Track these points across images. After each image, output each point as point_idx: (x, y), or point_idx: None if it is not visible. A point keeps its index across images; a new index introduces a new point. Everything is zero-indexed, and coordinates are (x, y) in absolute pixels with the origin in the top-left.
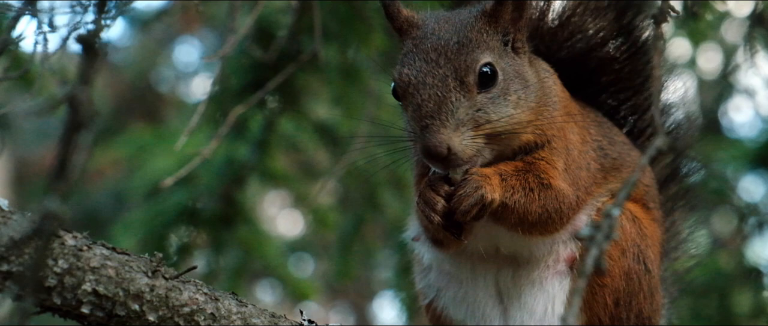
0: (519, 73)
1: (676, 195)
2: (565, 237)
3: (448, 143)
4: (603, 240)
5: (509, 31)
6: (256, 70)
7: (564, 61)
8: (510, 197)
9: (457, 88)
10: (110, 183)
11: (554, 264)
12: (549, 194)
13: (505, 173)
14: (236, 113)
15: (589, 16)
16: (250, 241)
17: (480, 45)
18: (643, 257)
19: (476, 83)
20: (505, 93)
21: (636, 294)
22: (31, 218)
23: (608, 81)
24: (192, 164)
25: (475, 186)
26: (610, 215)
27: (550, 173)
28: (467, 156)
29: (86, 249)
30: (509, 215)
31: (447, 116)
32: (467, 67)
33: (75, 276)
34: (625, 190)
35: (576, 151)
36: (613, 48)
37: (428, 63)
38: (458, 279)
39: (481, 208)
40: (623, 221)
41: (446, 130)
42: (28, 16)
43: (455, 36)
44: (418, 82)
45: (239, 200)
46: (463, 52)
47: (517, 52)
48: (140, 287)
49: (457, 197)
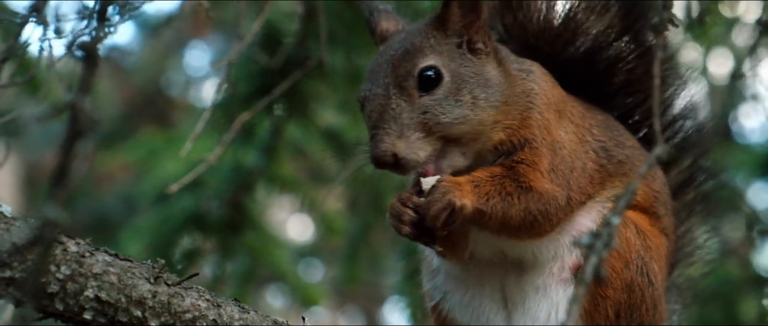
0: (477, 73)
1: (693, 201)
2: (569, 243)
3: (392, 150)
4: (603, 248)
5: (463, 34)
6: (263, 77)
7: (571, 62)
8: (485, 203)
9: (397, 94)
10: (120, 187)
11: (559, 271)
12: (530, 197)
13: (479, 180)
14: (242, 119)
15: (593, 15)
16: (258, 247)
17: (424, 50)
18: (647, 269)
19: (416, 87)
20: (457, 94)
21: (638, 306)
22: (32, 225)
23: (620, 83)
24: (197, 170)
25: (442, 192)
26: (610, 223)
27: (530, 176)
28: (419, 159)
29: (89, 255)
30: (489, 221)
31: (389, 123)
32: (407, 73)
33: (77, 282)
34: (624, 198)
35: (566, 150)
36: (621, 48)
37: (377, 75)
38: (465, 284)
39: (450, 213)
40: (628, 233)
41: (390, 137)
42: (33, 23)
43: (402, 45)
44: (368, 94)
45: (247, 206)
46: (405, 59)
47: (476, 54)
48: (142, 293)
49: (425, 203)
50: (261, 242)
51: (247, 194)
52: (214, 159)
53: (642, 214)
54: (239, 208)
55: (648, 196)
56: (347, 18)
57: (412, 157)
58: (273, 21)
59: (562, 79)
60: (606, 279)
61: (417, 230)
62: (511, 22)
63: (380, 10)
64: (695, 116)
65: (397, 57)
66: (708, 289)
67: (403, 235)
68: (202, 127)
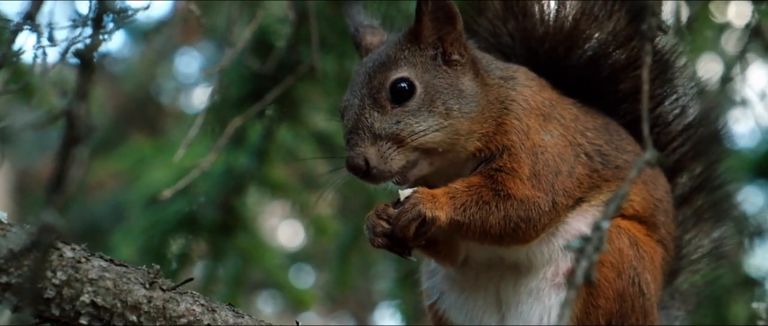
0: (451, 84)
1: (702, 208)
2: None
3: (365, 155)
4: (593, 252)
5: (438, 46)
6: (254, 81)
7: (576, 67)
8: (461, 214)
9: (371, 105)
10: (110, 195)
11: (553, 276)
12: (510, 205)
13: (455, 191)
14: (235, 124)
15: (597, 21)
16: (250, 250)
17: (398, 62)
18: (639, 280)
19: (389, 98)
20: (430, 105)
21: (628, 316)
22: (29, 231)
23: (627, 89)
24: (191, 176)
25: (413, 203)
26: (600, 227)
27: (508, 183)
28: (391, 170)
29: (84, 260)
30: (468, 231)
31: (363, 131)
32: (380, 84)
33: (73, 287)
34: (614, 203)
35: (549, 154)
36: (627, 55)
37: (355, 86)
38: (461, 285)
39: (420, 224)
40: (622, 243)
41: (363, 143)
42: (27, 30)
43: (379, 57)
44: (346, 105)
45: (239, 209)
46: (379, 71)
47: (451, 65)
48: (138, 298)
49: (397, 214)
50: (252, 245)
51: (238, 197)
52: (207, 166)
53: (639, 224)
54: (230, 211)
55: (648, 204)
56: (338, 23)
57: (383, 167)
58: (264, 26)
59: (567, 85)
60: (596, 283)
61: (390, 241)
62: (514, 28)
63: (365, 26)
64: (708, 124)
65: (372, 69)
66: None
67: (377, 247)
68: (191, 130)
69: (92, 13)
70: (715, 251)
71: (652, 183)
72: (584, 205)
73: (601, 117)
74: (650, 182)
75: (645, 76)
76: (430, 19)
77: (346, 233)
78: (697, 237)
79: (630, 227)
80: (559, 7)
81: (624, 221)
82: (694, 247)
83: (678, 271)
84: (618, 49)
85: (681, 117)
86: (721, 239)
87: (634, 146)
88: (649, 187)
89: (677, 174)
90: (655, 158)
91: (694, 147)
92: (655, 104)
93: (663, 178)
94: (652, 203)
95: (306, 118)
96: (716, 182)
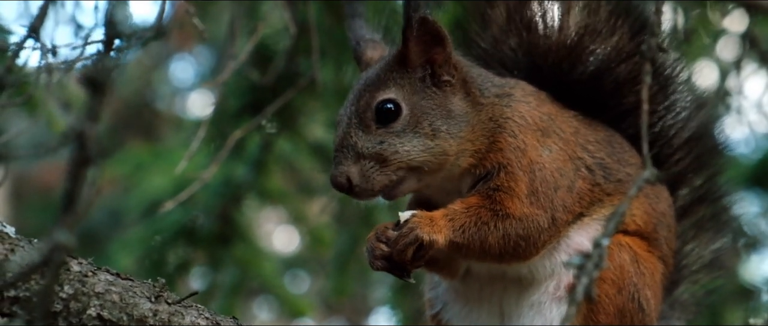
0: (440, 105)
1: (702, 219)
2: (564, 263)
3: (347, 174)
4: (593, 269)
5: (427, 68)
6: (254, 92)
7: (580, 82)
8: (460, 235)
9: (356, 125)
10: (107, 201)
11: (555, 289)
12: (508, 224)
13: (453, 213)
14: (235, 137)
15: (600, 37)
16: (247, 259)
17: (386, 83)
18: (639, 296)
19: (374, 119)
20: (416, 126)
21: None
22: (40, 248)
23: (631, 103)
24: (192, 188)
25: (410, 227)
26: (600, 244)
27: (507, 203)
28: (374, 188)
29: (91, 274)
30: (468, 251)
31: (347, 150)
32: (366, 105)
33: (80, 301)
34: (613, 221)
35: (548, 170)
36: (631, 69)
37: (347, 103)
38: (465, 297)
39: (418, 248)
40: (622, 260)
41: (346, 162)
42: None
43: (369, 77)
44: (338, 121)
45: (236, 219)
46: (367, 91)
47: (441, 86)
48: (144, 312)
49: (394, 238)
50: (250, 254)
51: (236, 207)
52: (209, 177)
53: (640, 239)
54: (228, 221)
55: (650, 218)
56: (337, 35)
57: (365, 185)
58: (264, 37)
59: (571, 99)
60: (596, 299)
61: (389, 264)
62: (518, 43)
63: (366, 40)
64: (708, 137)
65: (362, 88)
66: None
67: (376, 269)
68: (193, 143)
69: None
70: (715, 261)
71: (654, 197)
72: (586, 219)
73: (604, 130)
74: (653, 195)
75: (644, 96)
76: (417, 42)
77: (344, 243)
78: (697, 248)
79: (631, 243)
80: (563, 22)
81: (625, 237)
82: (694, 258)
83: (678, 282)
84: (621, 64)
85: (682, 131)
86: (720, 250)
87: (637, 159)
88: (652, 200)
89: (679, 187)
90: (654, 176)
91: (696, 160)
92: (657, 118)
93: (665, 191)
94: (655, 217)
95: (304, 129)
96: (717, 193)
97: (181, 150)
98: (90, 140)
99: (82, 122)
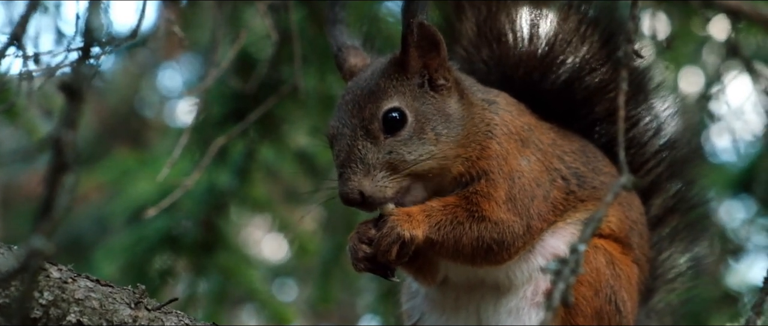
0: (439, 110)
1: (677, 228)
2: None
3: (359, 189)
4: (569, 275)
5: (424, 73)
6: (237, 100)
7: (551, 92)
8: (436, 232)
9: (363, 136)
10: (93, 208)
11: (533, 295)
12: (483, 227)
13: (431, 209)
14: (218, 144)
15: (570, 46)
16: (231, 267)
17: (387, 91)
18: (616, 298)
19: (381, 129)
20: (420, 133)
21: None
22: (18, 254)
23: (602, 111)
24: (174, 195)
25: (391, 226)
26: (577, 250)
27: (484, 206)
28: (386, 196)
29: (71, 281)
30: (442, 249)
31: (356, 163)
32: (372, 116)
33: (60, 307)
34: (590, 227)
35: (526, 179)
36: (601, 77)
37: (345, 114)
38: (442, 306)
39: (401, 246)
40: (598, 262)
41: (356, 176)
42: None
43: (367, 85)
44: (336, 133)
45: (220, 227)
46: (369, 101)
47: (438, 90)
48: (124, 318)
49: (377, 239)
50: (234, 262)
51: (220, 215)
52: (192, 184)
53: (615, 243)
54: (212, 228)
55: (623, 225)
56: (320, 43)
57: (378, 195)
58: (246, 45)
59: (542, 109)
60: (573, 304)
61: (373, 264)
62: (489, 55)
63: (348, 46)
64: (682, 145)
65: (362, 98)
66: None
67: (360, 271)
68: (176, 150)
69: (80, 42)
70: (690, 270)
71: (627, 205)
72: (560, 223)
73: (578, 140)
74: (625, 203)
75: (621, 102)
76: (416, 47)
77: (329, 250)
78: (671, 257)
79: (606, 245)
80: (532, 33)
81: (601, 240)
82: (668, 267)
83: (653, 291)
84: (591, 73)
85: (655, 138)
86: (696, 259)
87: (611, 168)
88: (625, 208)
89: (652, 195)
90: (630, 182)
91: (669, 168)
92: (630, 125)
93: (638, 200)
94: (628, 224)
95: (287, 136)
96: (691, 202)
97: (166, 157)
98: (67, 146)
99: (59, 129)
